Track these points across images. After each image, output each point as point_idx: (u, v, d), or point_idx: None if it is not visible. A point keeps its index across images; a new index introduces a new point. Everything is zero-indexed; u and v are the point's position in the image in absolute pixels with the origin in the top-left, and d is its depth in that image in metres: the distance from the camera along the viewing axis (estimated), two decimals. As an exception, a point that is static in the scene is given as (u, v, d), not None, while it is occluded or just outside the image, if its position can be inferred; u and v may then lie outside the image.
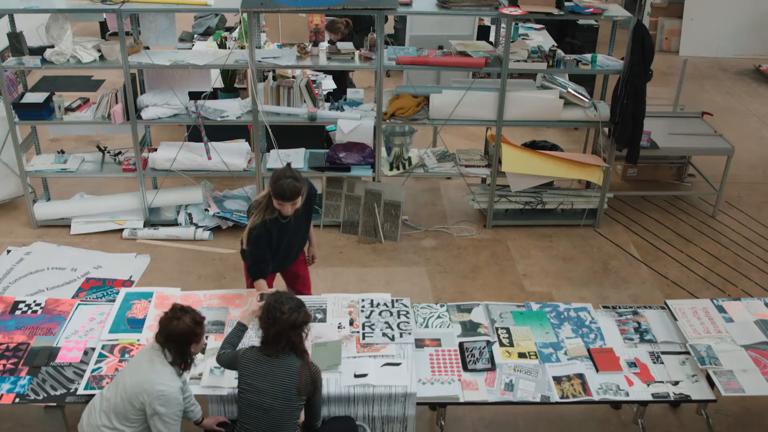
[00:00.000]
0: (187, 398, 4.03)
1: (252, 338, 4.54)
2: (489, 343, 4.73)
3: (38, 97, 6.97)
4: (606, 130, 7.27)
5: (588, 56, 7.04)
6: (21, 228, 7.35)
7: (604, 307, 5.18)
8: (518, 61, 6.81)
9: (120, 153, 7.48)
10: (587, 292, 6.62)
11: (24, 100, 6.95)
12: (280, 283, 5.48)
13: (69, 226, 7.30)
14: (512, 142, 7.26)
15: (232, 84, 8.51)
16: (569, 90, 7.17)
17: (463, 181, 7.61)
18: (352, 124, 7.03)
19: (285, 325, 3.77)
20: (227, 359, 4.10)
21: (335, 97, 7.82)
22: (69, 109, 6.97)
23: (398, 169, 7.35)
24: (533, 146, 7.49)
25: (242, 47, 7.63)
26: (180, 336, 3.72)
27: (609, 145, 7.22)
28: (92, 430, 3.75)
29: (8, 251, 6.92)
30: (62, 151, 7.54)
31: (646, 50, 6.63)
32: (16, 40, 6.65)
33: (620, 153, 7.32)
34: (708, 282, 6.85)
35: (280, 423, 3.81)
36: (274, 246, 4.93)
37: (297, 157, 7.32)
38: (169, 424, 3.67)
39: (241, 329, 4.32)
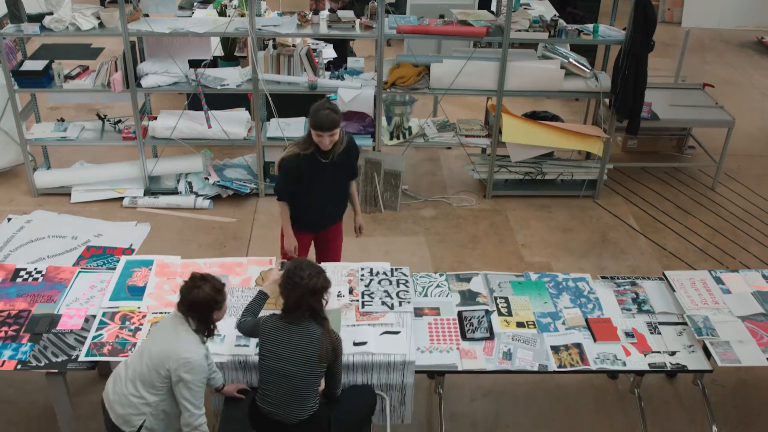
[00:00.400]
0: (209, 365, 4.05)
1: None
2: (487, 313, 4.76)
3: (37, 65, 6.95)
4: (607, 101, 7.25)
5: (590, 26, 7.00)
6: (21, 196, 7.36)
7: (603, 277, 5.20)
8: (519, 30, 6.78)
9: (120, 121, 7.47)
10: (586, 262, 6.65)
11: (23, 68, 6.92)
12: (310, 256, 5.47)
13: (69, 195, 7.31)
14: (513, 113, 7.25)
15: (232, 52, 8.45)
16: (570, 60, 7.14)
17: (463, 151, 7.61)
18: (352, 93, 7.01)
19: (305, 291, 3.76)
20: (248, 327, 4.11)
21: (336, 66, 7.78)
22: (68, 77, 6.95)
23: (398, 138, 7.34)
24: (534, 117, 7.48)
25: (242, 15, 7.58)
26: (201, 304, 3.72)
27: (609, 116, 7.21)
28: (119, 399, 3.77)
29: (9, 219, 6.94)
30: (62, 120, 7.52)
31: (648, 21, 6.60)
32: (14, 6, 6.61)
33: (621, 124, 7.31)
34: (706, 254, 6.87)
35: (301, 390, 3.82)
36: (305, 187, 4.94)
37: (297, 126, 7.31)
38: (194, 390, 3.69)
39: (261, 298, 4.32)
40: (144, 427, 3.77)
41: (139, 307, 4.70)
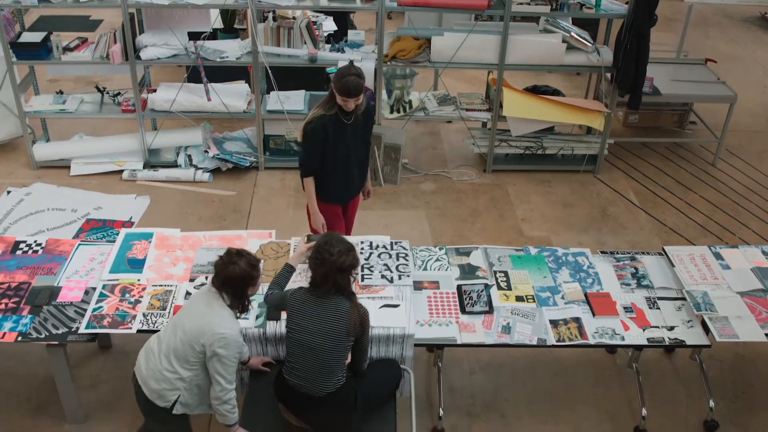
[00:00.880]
0: None
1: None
2: (487, 287, 4.76)
3: (36, 37, 6.91)
4: (608, 75, 7.22)
5: (592, 0, 6.95)
6: (21, 169, 7.34)
7: (602, 252, 5.20)
8: (521, 3, 6.73)
9: (119, 94, 7.44)
10: (586, 237, 6.65)
11: (21, 40, 6.88)
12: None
13: (68, 167, 7.29)
14: (514, 86, 7.21)
15: (231, 24, 8.41)
16: (572, 34, 7.09)
17: (464, 125, 7.58)
18: (352, 67, 6.98)
19: (332, 267, 3.76)
20: (275, 299, 4.12)
21: (336, 39, 7.73)
22: (67, 49, 6.91)
23: (399, 112, 7.31)
24: (535, 91, 7.44)
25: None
26: (236, 280, 3.72)
27: (611, 91, 7.18)
28: (153, 374, 3.78)
29: (8, 192, 6.93)
30: (61, 92, 7.49)
31: (651, -6, 6.55)
32: (12, -23, 6.57)
33: (622, 99, 7.28)
34: (706, 229, 6.87)
35: (328, 363, 3.82)
36: (331, 152, 4.97)
37: (297, 99, 7.28)
38: (227, 365, 3.70)
39: (288, 270, 4.32)
40: (178, 401, 3.79)
41: (138, 280, 4.71)
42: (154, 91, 7.22)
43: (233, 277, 3.72)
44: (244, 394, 4.30)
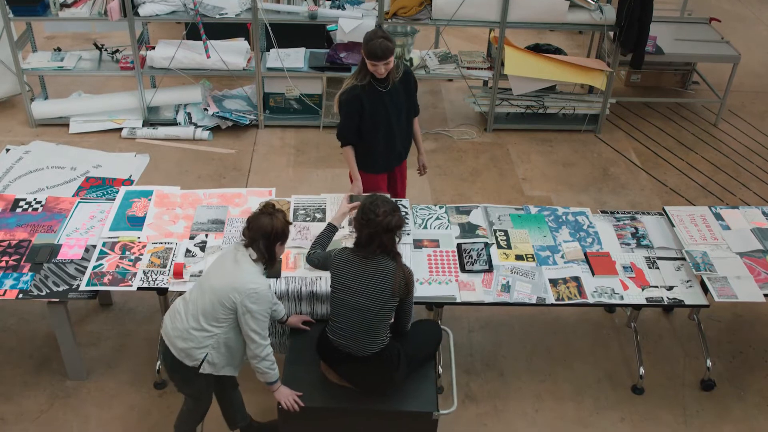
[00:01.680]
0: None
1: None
2: (487, 245, 4.77)
3: (33, -8, 6.84)
4: (611, 34, 7.15)
5: (596, -43, 6.88)
6: (19, 127, 7.31)
7: (603, 212, 5.20)
8: (524, -40, 6.65)
9: (117, 51, 7.37)
10: (586, 197, 6.64)
11: (18, -5, 6.81)
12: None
13: (67, 125, 7.26)
14: (515, 45, 7.15)
15: (231, -19, 8.32)
16: (575, -8, 7.02)
17: (465, 83, 7.53)
18: (353, 24, 6.92)
19: (378, 228, 3.74)
20: (318, 259, 4.11)
21: (336, -4, 7.66)
22: (64, 5, 6.83)
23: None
24: (537, 49, 7.38)
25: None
26: (270, 232, 3.70)
27: (613, 50, 7.12)
28: (181, 334, 3.78)
29: (7, 150, 6.90)
30: (59, 49, 7.43)
31: (655, -49, 6.47)
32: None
33: (624, 58, 7.22)
34: (707, 190, 6.86)
35: (373, 323, 3.82)
36: (368, 122, 4.89)
37: (297, 57, 7.23)
38: (259, 321, 3.70)
39: (330, 230, 4.31)
40: (206, 360, 3.79)
41: (138, 237, 4.71)
42: (153, 48, 7.16)
43: (267, 229, 3.70)
44: (284, 353, 4.31)
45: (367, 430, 4.04)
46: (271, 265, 3.83)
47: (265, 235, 3.71)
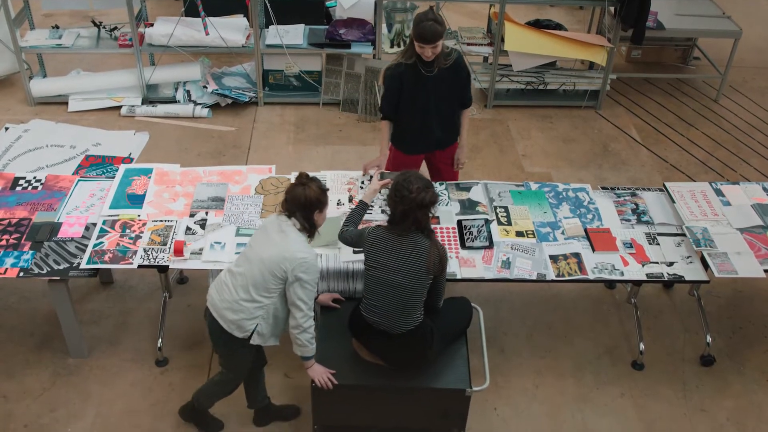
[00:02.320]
0: None
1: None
2: (487, 222, 4.76)
3: (30, -31, 6.79)
4: (612, 9, 7.11)
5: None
6: (18, 105, 7.29)
7: (603, 188, 5.19)
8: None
9: (116, 28, 7.33)
10: (586, 173, 6.63)
11: (15, -28, 6.77)
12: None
13: (66, 103, 7.24)
14: (516, 20, 7.11)
15: (229, -43, 8.26)
16: (576, -33, 6.97)
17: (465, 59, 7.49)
18: (352, 0, 6.87)
19: (412, 204, 3.73)
20: (350, 237, 4.11)
21: (336, -29, 7.61)
22: (62, -18, 6.80)
23: (399, 46, 7.23)
24: (537, 25, 7.34)
25: None
26: (306, 202, 3.72)
27: (614, 25, 7.08)
28: (230, 305, 3.79)
29: (6, 128, 6.89)
30: (57, 27, 7.39)
31: (657, -75, 6.42)
32: None
33: (625, 33, 7.18)
34: (707, 166, 6.85)
35: (407, 300, 3.82)
36: (408, 101, 4.87)
37: (296, 33, 7.19)
38: (308, 291, 3.72)
39: (362, 208, 4.31)
40: (256, 331, 3.82)
41: (139, 215, 4.71)
42: (152, 25, 7.13)
43: (303, 200, 3.72)
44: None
45: (400, 407, 4.06)
46: (312, 235, 3.85)
47: (301, 205, 3.73)
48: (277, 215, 3.84)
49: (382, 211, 4.40)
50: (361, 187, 4.99)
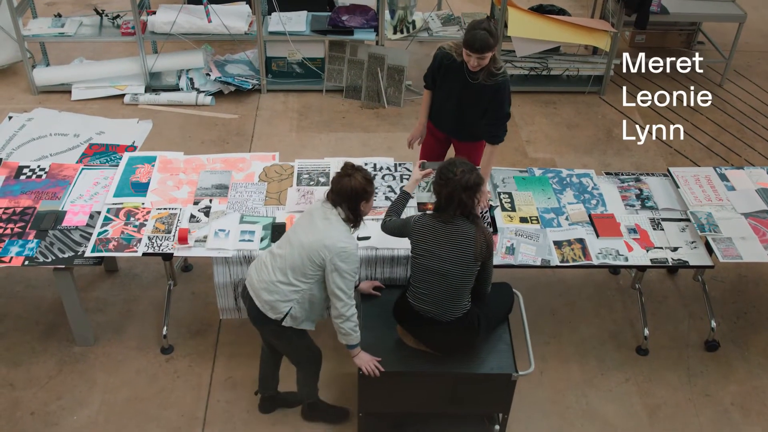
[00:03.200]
0: None
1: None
2: (491, 208, 4.76)
3: (32, -43, 6.77)
4: (616, -7, 7.08)
5: None
6: (21, 94, 7.28)
7: (607, 173, 5.18)
8: None
9: (118, 16, 7.32)
10: (590, 158, 6.62)
11: (17, -40, 6.75)
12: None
13: (69, 92, 7.23)
14: (519, 6, 7.09)
15: (231, -56, 8.23)
16: (579, -49, 6.94)
17: (468, 46, 7.46)
18: (355, -13, 6.86)
19: (457, 186, 3.73)
20: (393, 226, 4.12)
21: (338, -42, 7.58)
22: (64, -30, 6.77)
23: (402, 32, 7.21)
24: (540, 10, 7.32)
25: None
26: (352, 193, 3.73)
27: (618, 10, 7.06)
28: (267, 286, 3.82)
29: (10, 117, 6.88)
30: (59, 15, 7.37)
31: None
32: None
33: (629, 18, 7.16)
34: (712, 151, 6.83)
35: (456, 288, 3.84)
36: (440, 86, 4.83)
37: (299, 20, 7.17)
38: (347, 280, 3.73)
39: (405, 197, 4.32)
40: (289, 314, 3.84)
41: (143, 203, 4.71)
42: (154, 13, 7.11)
43: (348, 190, 3.73)
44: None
45: (446, 393, 4.08)
46: (357, 225, 3.86)
47: (346, 196, 3.75)
48: (323, 202, 3.85)
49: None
50: (393, 177, 4.99)
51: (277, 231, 4.49)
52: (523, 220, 4.71)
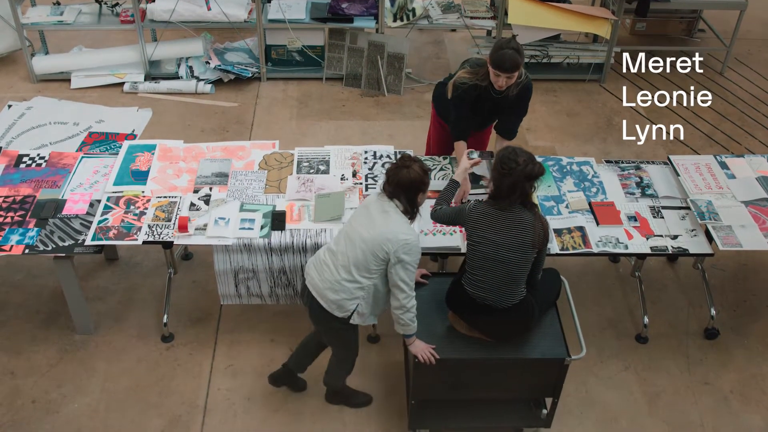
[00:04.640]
0: None
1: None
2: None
3: (30, -56, 6.75)
4: (616, -19, 7.06)
5: None
6: (21, 82, 7.27)
7: (607, 161, 5.18)
8: None
9: (117, 4, 7.29)
10: (590, 146, 6.61)
11: (16, -53, 6.72)
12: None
13: (69, 81, 7.21)
14: (519, -6, 7.07)
15: (230, -69, 8.20)
16: (580, -62, 6.91)
17: (468, 33, 7.45)
18: (354, -26, 6.84)
19: (520, 176, 3.73)
20: (445, 214, 4.13)
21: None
22: (63, -43, 6.75)
23: (402, 20, 7.19)
24: (541, -2, 7.29)
25: None
26: (410, 184, 3.72)
27: (619, -3, 7.04)
28: (332, 285, 3.80)
29: (9, 106, 6.87)
30: (58, 3, 7.35)
31: None
32: None
33: (629, 6, 7.14)
34: (712, 139, 6.82)
35: (513, 275, 3.85)
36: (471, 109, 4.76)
37: (298, 8, 7.15)
38: (410, 272, 3.73)
39: (453, 186, 4.31)
40: (356, 311, 3.85)
41: (143, 192, 4.71)
42: (153, 1, 7.08)
43: (406, 181, 3.72)
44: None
45: (499, 379, 4.10)
46: (414, 216, 3.86)
47: (405, 188, 3.73)
48: (379, 195, 3.83)
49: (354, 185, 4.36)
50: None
51: (277, 219, 4.49)
52: (523, 208, 4.70)
